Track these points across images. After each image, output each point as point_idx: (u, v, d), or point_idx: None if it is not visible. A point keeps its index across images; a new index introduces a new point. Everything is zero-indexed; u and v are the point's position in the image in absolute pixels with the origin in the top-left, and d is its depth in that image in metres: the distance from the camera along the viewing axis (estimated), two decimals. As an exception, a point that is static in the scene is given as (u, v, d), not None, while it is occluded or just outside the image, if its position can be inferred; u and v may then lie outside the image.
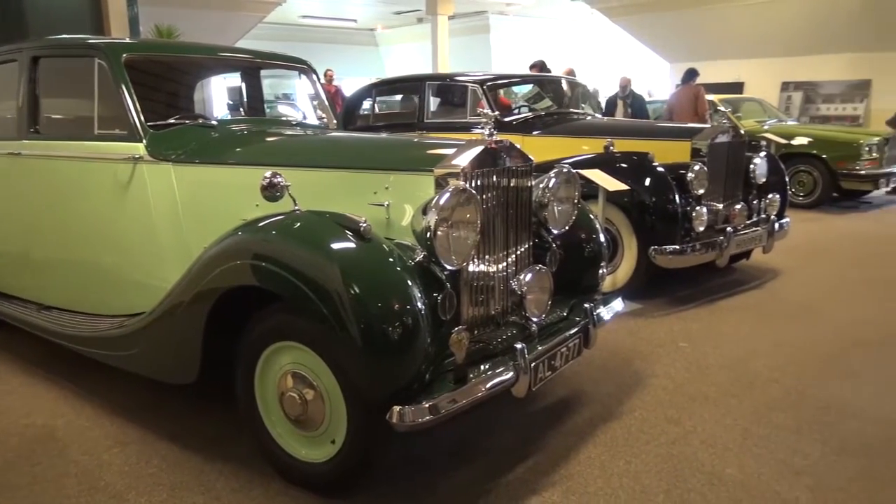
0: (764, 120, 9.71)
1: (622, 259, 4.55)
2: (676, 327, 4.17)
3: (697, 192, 4.48)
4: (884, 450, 2.70)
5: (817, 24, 12.29)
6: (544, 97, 6.08)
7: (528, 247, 2.78)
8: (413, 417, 2.05)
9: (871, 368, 3.51)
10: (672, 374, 3.46)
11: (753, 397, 3.18)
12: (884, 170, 8.52)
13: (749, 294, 4.91)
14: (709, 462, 2.61)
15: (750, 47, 13.24)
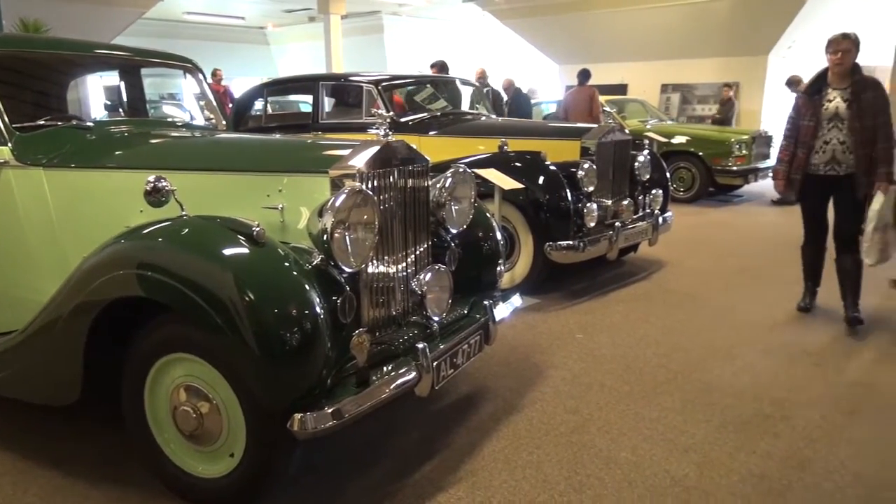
0: (646, 120, 10.26)
1: (519, 256, 4.67)
2: (572, 320, 4.32)
3: (588, 189, 4.67)
4: (759, 424, 2.92)
5: (691, 31, 13.13)
6: (439, 98, 6.14)
7: (427, 246, 2.79)
8: (315, 424, 2.01)
9: (747, 350, 3.79)
10: (570, 365, 3.58)
11: (644, 383, 3.35)
12: (752, 165, 9.23)
13: (638, 285, 5.17)
14: (605, 447, 2.72)
15: (632, 51, 13.95)
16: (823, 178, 4.06)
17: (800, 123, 4.08)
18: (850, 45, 3.94)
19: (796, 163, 4.11)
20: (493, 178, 4.15)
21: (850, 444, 2.75)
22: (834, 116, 3.98)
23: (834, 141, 3.99)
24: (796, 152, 4.11)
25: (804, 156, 4.07)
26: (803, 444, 2.75)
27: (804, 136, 4.05)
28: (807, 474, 2.53)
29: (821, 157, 4.04)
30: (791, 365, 3.58)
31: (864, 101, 3.90)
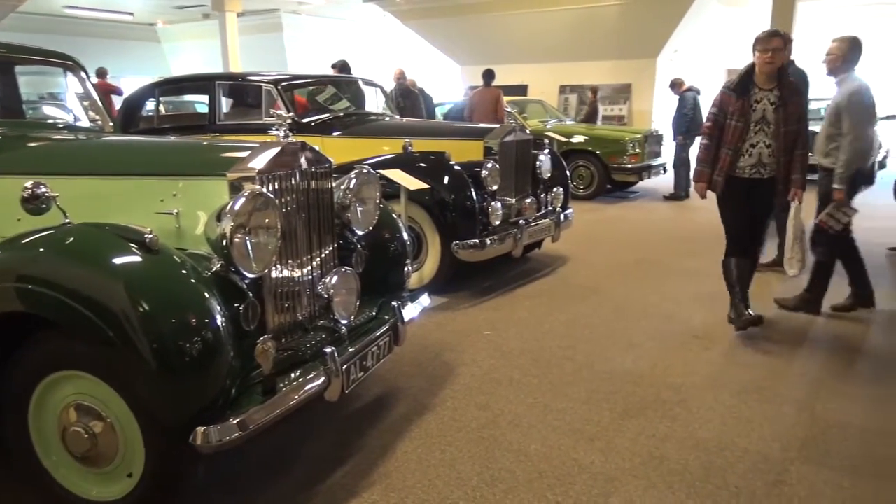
0: (546, 120, 10.57)
1: (427, 256, 4.68)
2: (481, 317, 4.38)
3: (492, 188, 4.75)
4: (658, 408, 3.07)
5: (585, 34, 13.65)
6: (342, 98, 6.06)
7: (333, 249, 2.75)
8: (219, 437, 1.93)
9: (645, 339, 3.98)
10: (479, 361, 3.63)
11: (551, 375, 3.45)
12: (645, 163, 9.70)
13: (543, 281, 5.31)
14: (516, 441, 2.78)
15: (532, 53, 14.33)
16: (747, 181, 3.86)
17: (725, 123, 3.81)
18: (780, 42, 3.75)
19: (720, 164, 3.85)
20: (398, 178, 4.14)
21: (739, 422, 2.94)
22: (762, 119, 3.78)
23: (761, 144, 3.79)
24: (719, 153, 3.85)
25: (730, 158, 3.82)
26: (698, 424, 2.92)
27: (732, 137, 3.79)
28: (702, 453, 2.68)
29: (747, 161, 3.83)
30: (685, 351, 3.78)
31: (790, 105, 3.75)
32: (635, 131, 10.06)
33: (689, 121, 9.17)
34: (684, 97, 9.29)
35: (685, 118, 9.22)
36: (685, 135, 9.24)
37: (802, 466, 2.59)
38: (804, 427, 2.90)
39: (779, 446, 2.74)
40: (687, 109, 9.22)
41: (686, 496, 2.39)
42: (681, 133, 9.32)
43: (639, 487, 2.44)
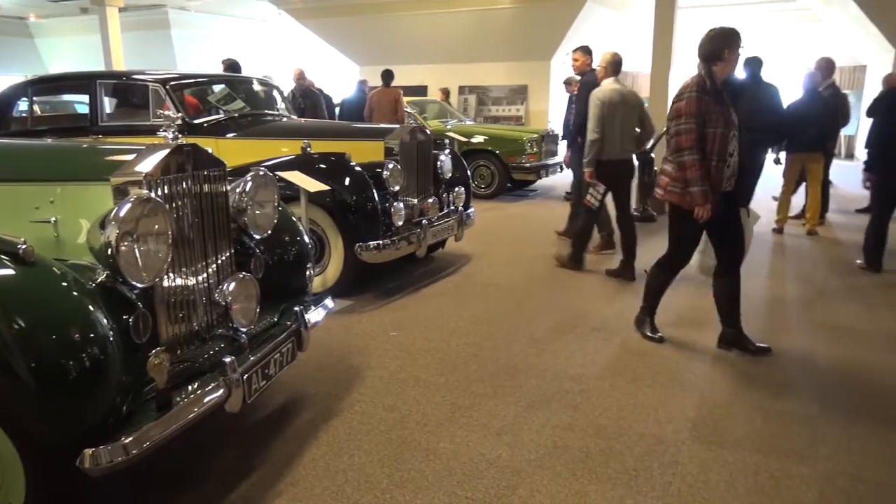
0: (446, 120, 10.67)
1: (330, 258, 4.61)
2: (387, 318, 4.37)
3: (394, 188, 4.74)
4: (560, 399, 3.17)
5: (482, 36, 13.91)
6: (236, 98, 5.86)
7: (230, 255, 2.65)
8: (110, 458, 1.82)
9: (546, 332, 4.10)
10: (386, 363, 3.62)
11: (457, 373, 3.48)
12: (543, 162, 9.99)
13: (447, 279, 5.36)
14: (424, 440, 2.79)
15: (431, 54, 14.43)
16: (725, 195, 3.54)
17: (707, 132, 3.41)
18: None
19: (714, 178, 3.44)
20: (297, 180, 4.05)
21: (635, 408, 3.09)
22: (734, 125, 3.51)
23: (735, 153, 3.54)
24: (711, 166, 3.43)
25: (721, 169, 3.45)
26: (598, 412, 3.04)
27: (719, 146, 3.41)
28: (601, 439, 2.79)
29: (727, 172, 3.51)
30: (584, 342, 3.93)
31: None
32: (532, 131, 10.34)
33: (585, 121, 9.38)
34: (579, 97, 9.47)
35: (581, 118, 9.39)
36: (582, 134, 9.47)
37: (693, 445, 2.75)
38: (694, 408, 3.08)
39: (672, 428, 2.89)
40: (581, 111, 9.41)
41: (588, 482, 2.48)
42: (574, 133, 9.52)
43: (544, 477, 2.51)
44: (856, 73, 14.43)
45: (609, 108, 5.18)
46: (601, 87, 5.31)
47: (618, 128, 5.21)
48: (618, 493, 2.41)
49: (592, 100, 5.27)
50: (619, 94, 5.23)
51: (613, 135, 5.21)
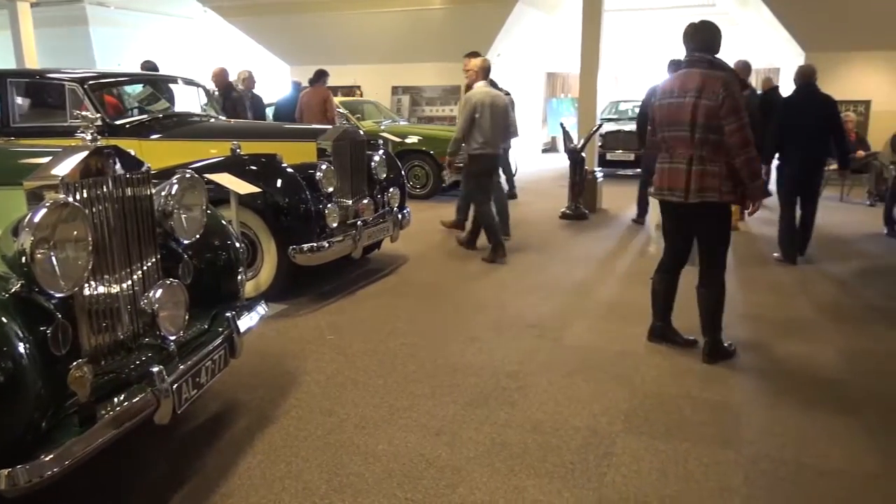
0: (380, 120, 10.62)
1: (262, 262, 4.51)
2: (323, 321, 4.31)
3: (327, 190, 4.68)
4: (498, 396, 3.21)
5: (414, 36, 13.90)
6: (160, 98, 5.66)
7: (156, 260, 2.56)
8: (29, 477, 1.73)
9: (483, 331, 4.14)
10: (323, 367, 3.57)
11: (395, 374, 3.47)
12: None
13: (384, 280, 5.34)
14: (363, 443, 2.77)
15: (364, 54, 14.31)
16: None
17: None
18: None
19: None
20: (226, 182, 3.95)
21: (570, 402, 3.15)
22: None
23: None
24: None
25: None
26: (535, 408, 3.09)
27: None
28: (539, 434, 2.84)
29: None
30: (520, 340, 3.99)
31: None
32: (466, 131, 10.38)
33: None
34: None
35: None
36: None
37: (626, 437, 2.83)
38: (626, 400, 3.17)
39: (606, 420, 2.97)
40: None
41: (527, 476, 2.52)
42: None
43: (483, 475, 2.53)
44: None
45: (480, 108, 5.75)
46: (473, 90, 5.88)
47: (488, 126, 5.76)
48: (555, 487, 2.46)
49: (465, 101, 5.91)
50: (488, 97, 5.81)
51: (484, 132, 5.76)
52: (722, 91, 3.34)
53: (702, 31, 3.52)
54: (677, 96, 3.47)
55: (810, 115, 5.77)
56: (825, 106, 5.87)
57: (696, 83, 3.40)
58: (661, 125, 3.59)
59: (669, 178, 3.55)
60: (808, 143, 5.71)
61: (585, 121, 8.94)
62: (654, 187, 3.73)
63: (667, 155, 3.59)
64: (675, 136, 3.50)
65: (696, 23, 3.57)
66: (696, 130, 3.39)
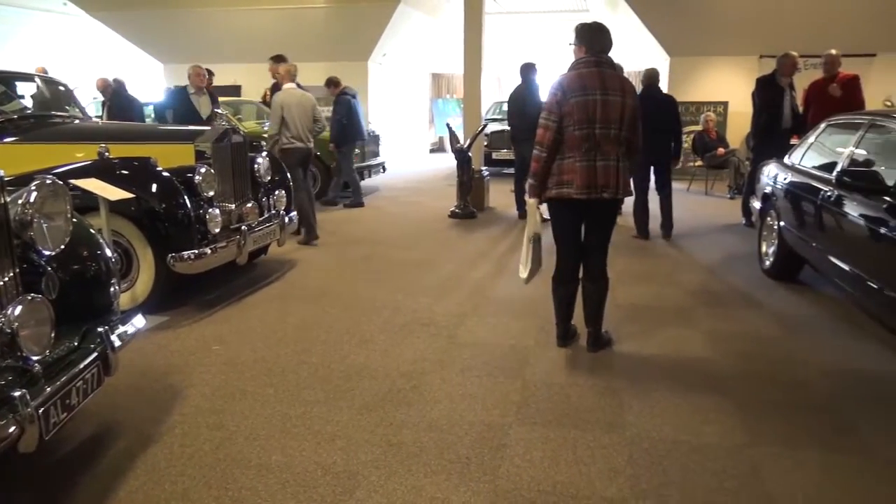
0: (263, 122, 10.28)
1: (139, 272, 4.26)
2: (208, 332, 4.12)
3: (208, 193, 4.48)
4: (393, 398, 3.20)
5: (295, 35, 13.59)
6: (14, 97, 5.19)
7: (14, 275, 2.33)
8: None
9: (376, 332, 4.12)
10: (209, 379, 3.41)
11: (287, 382, 3.38)
12: (366, 163, 10.02)
13: (272, 286, 5.18)
14: (255, 455, 2.67)
15: (244, 52, 13.81)
16: None
17: None
18: None
19: None
20: (94, 188, 3.68)
21: (464, 398, 3.20)
22: None
23: None
24: None
25: None
26: (430, 406, 3.11)
27: None
28: (434, 432, 2.86)
29: None
30: (414, 339, 4.00)
31: None
32: (353, 132, 10.28)
33: (343, 127, 8.69)
34: (338, 101, 8.80)
35: (339, 124, 8.69)
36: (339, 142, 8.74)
37: (519, 428, 2.91)
38: (517, 393, 3.26)
39: (499, 413, 3.04)
40: (340, 115, 8.69)
41: (423, 475, 2.53)
42: (334, 140, 8.76)
43: (381, 477, 2.52)
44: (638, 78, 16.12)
45: (286, 108, 6.48)
46: (281, 91, 6.67)
47: (295, 124, 6.53)
48: (452, 483, 2.48)
49: (274, 102, 6.64)
50: (293, 97, 6.59)
51: (291, 128, 6.52)
52: (636, 94, 3.58)
53: (605, 33, 3.56)
54: (601, 94, 3.42)
55: (655, 113, 6.53)
56: (668, 105, 6.89)
57: (618, 83, 3.48)
58: (581, 122, 3.42)
59: (599, 175, 3.45)
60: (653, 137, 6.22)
61: (471, 121, 9.10)
62: (572, 187, 3.49)
63: (590, 152, 3.45)
64: (604, 133, 3.44)
65: (596, 24, 3.61)
66: (622, 129, 3.48)
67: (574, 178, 3.48)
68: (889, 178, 3.58)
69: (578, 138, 3.44)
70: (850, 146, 4.34)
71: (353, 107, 8.88)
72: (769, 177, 5.63)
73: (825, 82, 6.96)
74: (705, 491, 2.43)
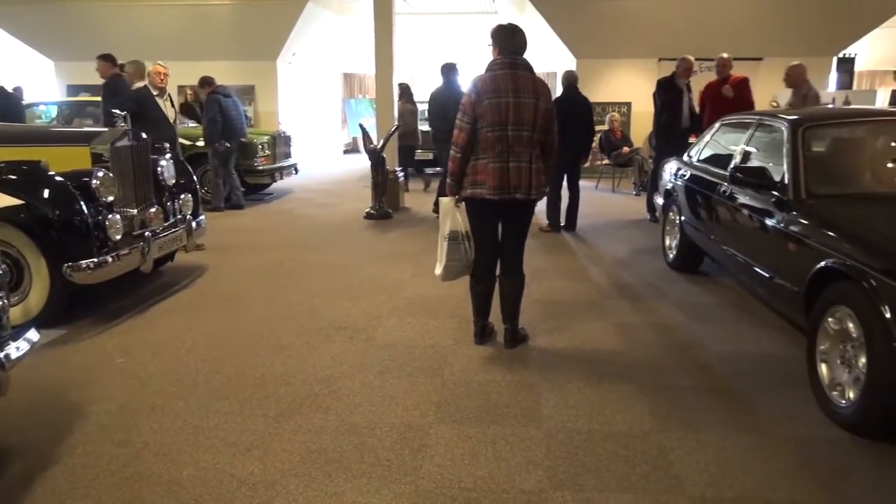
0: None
1: (31, 284, 3.99)
2: (110, 344, 3.91)
3: (107, 199, 4.25)
4: (311, 403, 3.14)
5: (200, 33, 13.12)
6: None
7: None
8: None
9: (292, 338, 4.03)
10: (114, 394, 3.24)
11: (199, 393, 3.25)
12: (277, 165, 9.79)
13: (180, 294, 4.98)
14: (165, 472, 2.56)
15: (144, 49, 13.15)
16: None
17: None
18: None
19: None
20: (-22, 195, 3.42)
21: (384, 400, 3.18)
22: None
23: None
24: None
25: None
26: (349, 411, 3.07)
27: None
28: (354, 436, 2.83)
29: None
30: (331, 343, 3.94)
31: None
32: (263, 133, 10.06)
33: (216, 126, 8.36)
34: (208, 100, 8.53)
35: (212, 124, 8.36)
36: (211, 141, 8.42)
37: (439, 427, 2.92)
38: (437, 392, 3.27)
39: (419, 413, 3.04)
40: (213, 114, 8.36)
41: (344, 480, 2.50)
42: (208, 140, 8.48)
43: (300, 485, 2.47)
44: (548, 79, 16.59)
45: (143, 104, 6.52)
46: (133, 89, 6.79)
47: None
48: (373, 486, 2.47)
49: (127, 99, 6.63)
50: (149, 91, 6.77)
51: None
52: (550, 96, 3.64)
53: (519, 35, 3.61)
54: (514, 96, 3.47)
55: (574, 114, 7.00)
56: (584, 106, 7.31)
57: (531, 85, 3.53)
58: (494, 124, 3.46)
59: (511, 176, 3.49)
60: (571, 137, 6.83)
61: (384, 121, 9.06)
62: (484, 188, 3.53)
63: (503, 153, 3.49)
64: (517, 135, 3.48)
65: (510, 26, 3.65)
66: (535, 131, 3.54)
67: (487, 178, 3.52)
68: (776, 174, 3.84)
69: (492, 139, 3.49)
70: (741, 144, 4.62)
71: (227, 106, 8.52)
72: (670, 174, 5.91)
73: (719, 84, 7.38)
74: (618, 477, 2.53)
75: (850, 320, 2.86)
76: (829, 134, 4.16)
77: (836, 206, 3.44)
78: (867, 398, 2.71)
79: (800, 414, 3.03)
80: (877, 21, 12.18)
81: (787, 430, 2.89)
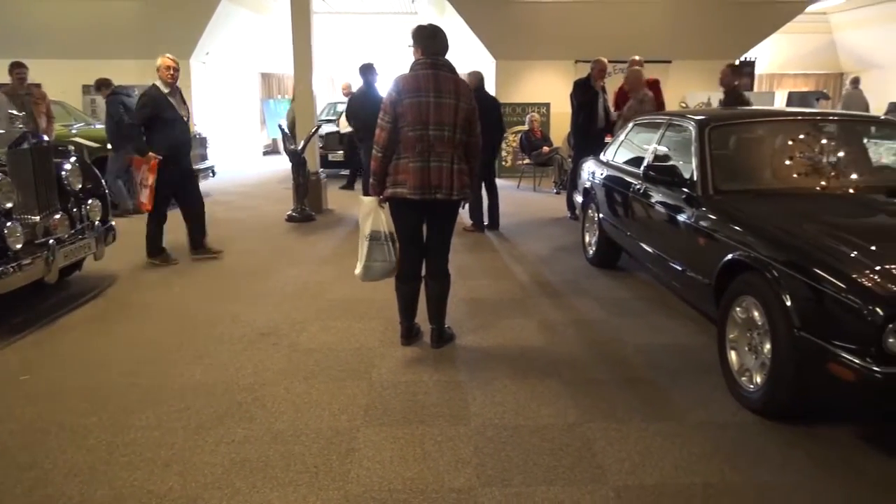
0: (71, 124, 9.37)
1: (-79, 298, 3.69)
2: (13, 360, 3.68)
3: (5, 205, 3.99)
4: (234, 413, 3.05)
5: (105, 30, 12.52)
6: None
7: None
8: None
9: (215, 346, 3.90)
10: (17, 414, 3.04)
11: (113, 408, 3.10)
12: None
13: (91, 304, 4.73)
14: (77, 493, 2.42)
15: (43, 46, 12.45)
16: None
17: None
18: None
19: None
20: None
21: (310, 406, 3.13)
22: None
23: None
24: None
25: None
26: (274, 419, 3.00)
27: None
28: (280, 444, 2.77)
29: None
30: (254, 350, 3.84)
31: None
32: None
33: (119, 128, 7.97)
34: (108, 102, 8.34)
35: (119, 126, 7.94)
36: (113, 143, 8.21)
37: (367, 430, 2.90)
38: (364, 395, 3.25)
39: (346, 418, 3.01)
40: (119, 116, 8.05)
41: (270, 490, 2.44)
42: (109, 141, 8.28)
43: (223, 498, 2.39)
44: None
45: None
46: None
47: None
48: (301, 494, 2.42)
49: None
50: None
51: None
52: (472, 97, 3.65)
53: (441, 36, 3.62)
54: (434, 96, 3.48)
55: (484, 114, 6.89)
56: (493, 107, 7.37)
57: (451, 86, 3.53)
58: (415, 123, 3.46)
59: (432, 176, 3.50)
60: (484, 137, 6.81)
61: (304, 122, 8.90)
62: (405, 187, 3.52)
63: (423, 153, 3.49)
64: (437, 135, 3.49)
65: (432, 27, 3.66)
66: (456, 131, 3.54)
67: (408, 178, 3.52)
68: (685, 172, 4.02)
69: (412, 139, 3.50)
70: (653, 143, 4.81)
71: (131, 105, 8.03)
72: (588, 173, 6.09)
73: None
74: (544, 470, 2.58)
75: (756, 309, 3.03)
76: (733, 133, 4.39)
77: (742, 202, 3.63)
78: (772, 382, 2.88)
79: (712, 400, 3.18)
80: (774, 26, 12.98)
81: (702, 416, 3.03)
